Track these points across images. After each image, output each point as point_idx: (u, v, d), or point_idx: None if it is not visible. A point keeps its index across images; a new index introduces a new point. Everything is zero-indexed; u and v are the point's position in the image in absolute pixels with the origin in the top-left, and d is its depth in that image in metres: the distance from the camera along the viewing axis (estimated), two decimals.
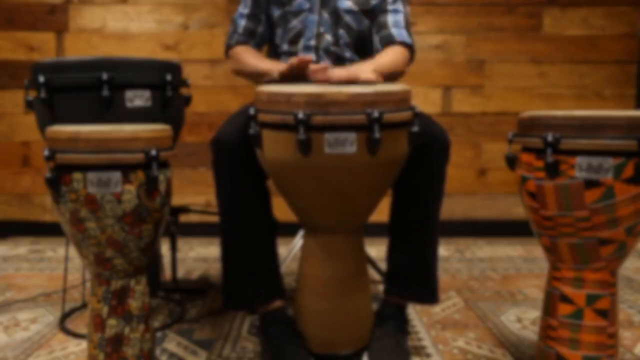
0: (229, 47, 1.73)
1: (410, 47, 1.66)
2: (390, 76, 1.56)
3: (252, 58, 1.66)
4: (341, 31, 1.65)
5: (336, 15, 1.65)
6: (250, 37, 1.72)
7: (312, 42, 1.64)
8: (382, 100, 1.23)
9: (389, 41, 1.64)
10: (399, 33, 1.65)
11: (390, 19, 1.66)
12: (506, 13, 2.86)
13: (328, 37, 1.64)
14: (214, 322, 1.76)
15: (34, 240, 2.84)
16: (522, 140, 1.26)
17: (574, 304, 1.24)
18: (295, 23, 1.67)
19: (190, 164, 2.89)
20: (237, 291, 1.51)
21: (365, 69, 1.43)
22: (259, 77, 1.61)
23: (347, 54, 1.67)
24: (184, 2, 2.84)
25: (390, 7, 1.67)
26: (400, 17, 1.67)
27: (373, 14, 1.68)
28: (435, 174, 1.48)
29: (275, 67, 1.52)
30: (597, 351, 1.23)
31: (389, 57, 1.60)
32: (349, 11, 1.65)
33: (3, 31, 2.83)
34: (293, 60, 1.40)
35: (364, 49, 1.71)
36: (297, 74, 1.43)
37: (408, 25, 1.68)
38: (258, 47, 1.74)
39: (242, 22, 1.72)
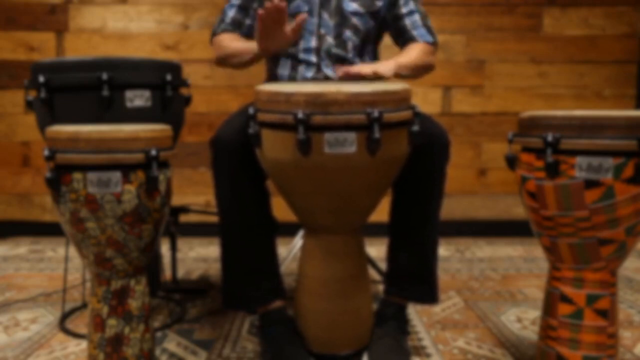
0: (213, 35, 1.72)
1: (433, 43, 1.69)
2: (418, 69, 1.62)
3: (233, 41, 1.64)
4: (347, 32, 1.65)
5: (342, 17, 1.64)
6: (237, 28, 1.70)
7: (313, 44, 1.63)
8: (382, 100, 1.23)
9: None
10: (420, 34, 1.68)
11: (407, 22, 1.68)
12: (506, 13, 2.86)
13: (329, 39, 1.64)
14: (214, 322, 1.76)
15: (34, 240, 2.84)
16: (522, 140, 1.26)
17: (574, 304, 1.24)
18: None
19: (190, 164, 2.89)
20: (236, 291, 1.51)
21: (385, 66, 1.49)
22: (240, 57, 1.60)
23: (350, 54, 1.66)
24: (184, 2, 2.84)
25: (404, 10, 1.68)
26: (416, 17, 1.69)
27: (379, 15, 1.68)
28: (436, 173, 1.48)
29: (256, 45, 1.50)
30: (597, 351, 1.23)
31: (413, 53, 1.63)
32: (355, 13, 1.65)
33: (3, 31, 2.83)
34: (268, 4, 1.36)
35: (365, 50, 1.71)
36: (273, 22, 1.39)
37: (425, 19, 1.70)
38: (246, 37, 1.72)
39: (231, 13, 1.70)
